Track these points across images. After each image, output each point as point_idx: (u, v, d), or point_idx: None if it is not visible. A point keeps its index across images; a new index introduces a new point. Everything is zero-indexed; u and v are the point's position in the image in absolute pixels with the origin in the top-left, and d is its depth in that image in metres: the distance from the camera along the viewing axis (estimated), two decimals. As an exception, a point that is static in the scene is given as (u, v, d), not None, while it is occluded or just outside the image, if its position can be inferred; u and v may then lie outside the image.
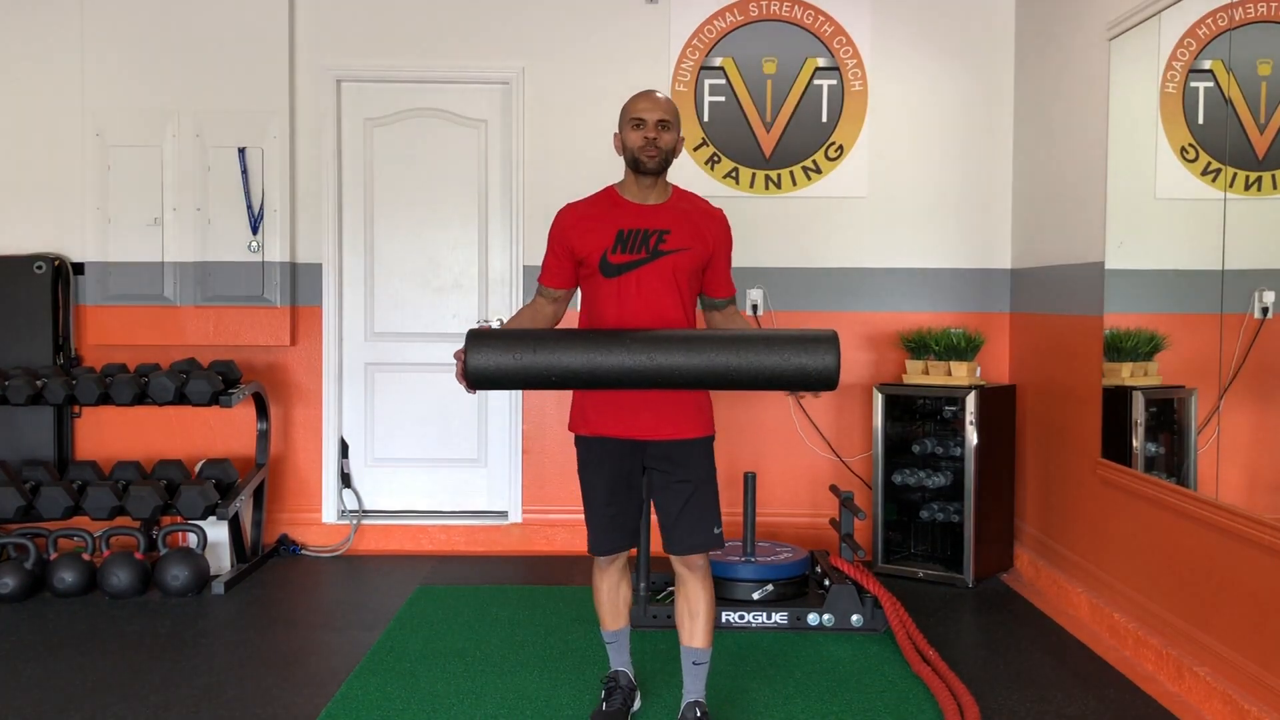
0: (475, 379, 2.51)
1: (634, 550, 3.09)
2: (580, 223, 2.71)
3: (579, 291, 2.82)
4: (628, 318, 2.66)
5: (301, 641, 3.66)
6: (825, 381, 2.48)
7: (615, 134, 2.74)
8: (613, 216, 2.70)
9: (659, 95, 2.72)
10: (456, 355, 2.54)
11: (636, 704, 2.97)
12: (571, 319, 2.91)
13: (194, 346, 4.71)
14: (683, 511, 2.71)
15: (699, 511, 2.72)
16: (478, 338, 2.53)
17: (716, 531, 2.75)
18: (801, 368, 2.47)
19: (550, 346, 2.49)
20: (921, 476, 4.42)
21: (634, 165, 2.69)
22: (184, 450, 4.77)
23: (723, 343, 2.49)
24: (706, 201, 2.82)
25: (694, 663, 2.79)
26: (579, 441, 2.80)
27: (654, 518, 2.83)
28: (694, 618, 2.77)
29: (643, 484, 2.80)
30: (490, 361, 2.49)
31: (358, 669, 3.35)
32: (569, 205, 2.78)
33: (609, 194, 2.76)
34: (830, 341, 2.48)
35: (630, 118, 2.68)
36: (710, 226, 2.75)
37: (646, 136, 2.64)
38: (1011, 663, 3.45)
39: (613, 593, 2.89)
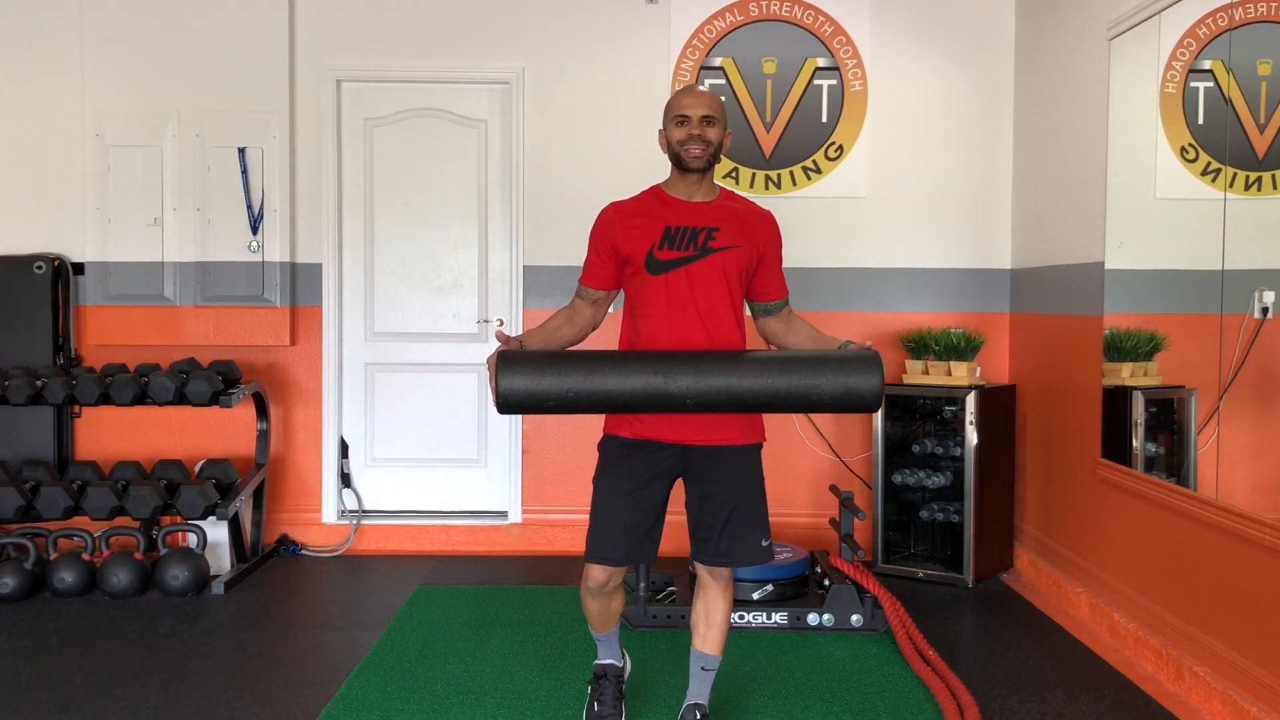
0: (505, 408, 2.36)
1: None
2: (626, 220, 2.62)
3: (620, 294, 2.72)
4: (676, 316, 2.57)
5: (301, 641, 3.67)
6: (870, 405, 2.42)
7: (659, 130, 2.67)
8: (660, 213, 2.61)
9: (703, 90, 2.65)
10: (490, 362, 2.42)
11: (627, 670, 2.95)
12: (612, 321, 2.87)
13: (194, 346, 4.71)
14: (729, 523, 2.62)
15: (747, 524, 2.63)
16: (509, 361, 2.37)
17: (765, 544, 2.66)
18: (845, 393, 2.39)
19: (586, 377, 2.35)
20: (921, 476, 4.42)
21: (678, 162, 2.61)
22: (184, 450, 4.77)
23: (764, 366, 2.38)
24: (754, 203, 2.73)
25: (703, 668, 2.77)
26: (615, 442, 2.66)
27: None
28: (710, 625, 2.72)
29: (668, 498, 2.69)
30: (523, 387, 2.34)
31: (358, 669, 3.35)
32: (613, 203, 2.69)
33: (655, 192, 2.68)
34: (874, 363, 2.41)
35: (674, 114, 2.60)
36: (759, 227, 2.66)
37: (691, 133, 2.57)
38: (1011, 663, 3.46)
39: (604, 610, 2.81)
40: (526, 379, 2.35)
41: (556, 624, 3.80)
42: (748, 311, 2.75)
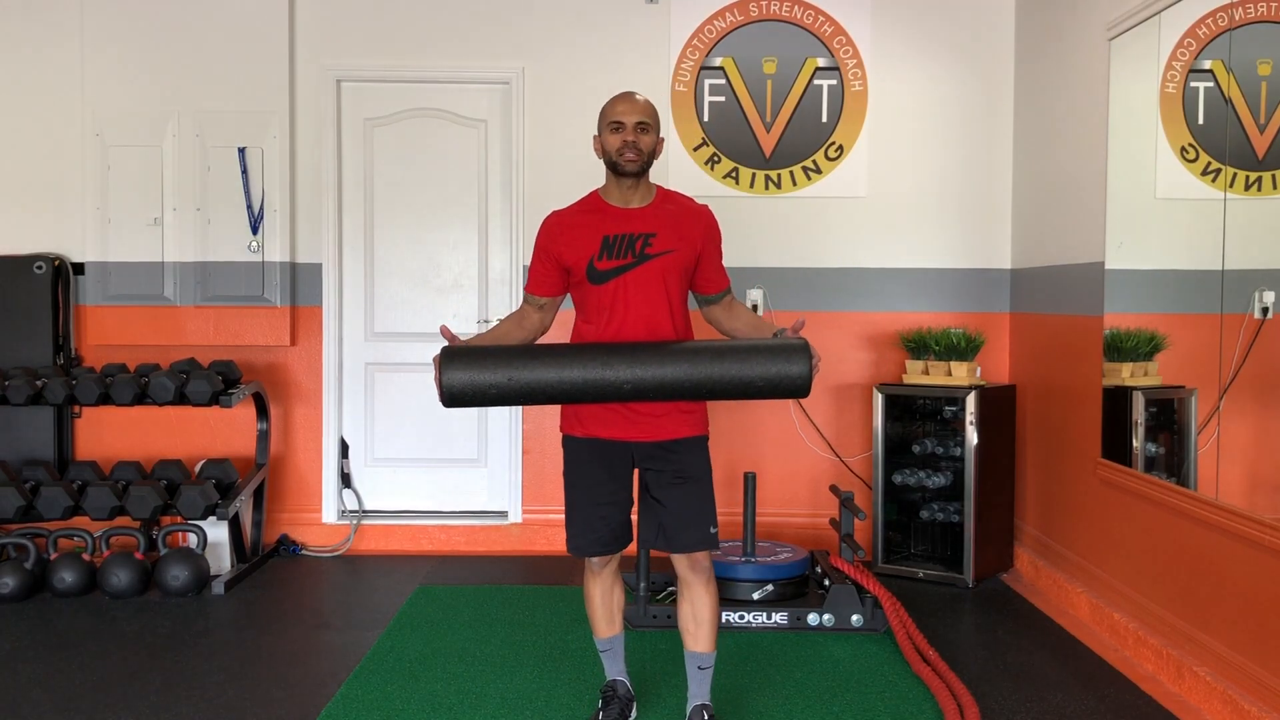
0: (451, 400, 2.45)
1: (630, 549, 3.05)
2: (566, 231, 2.69)
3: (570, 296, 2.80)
4: (617, 323, 2.65)
5: (301, 641, 3.67)
6: (798, 390, 2.51)
7: (595, 137, 2.73)
8: (598, 222, 2.68)
9: (638, 97, 2.71)
10: (435, 360, 2.49)
11: (633, 715, 2.96)
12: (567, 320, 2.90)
13: (194, 346, 4.71)
14: (679, 510, 2.69)
15: (695, 510, 2.70)
16: (452, 357, 2.47)
17: (712, 531, 2.73)
18: (775, 379, 2.49)
19: (526, 366, 2.46)
20: (921, 476, 4.42)
21: (614, 168, 2.67)
22: (184, 450, 4.77)
23: (697, 355, 2.49)
24: (690, 199, 2.79)
25: (699, 667, 2.78)
26: (570, 442, 2.78)
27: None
28: (699, 624, 2.75)
29: (633, 484, 2.78)
30: (465, 381, 2.44)
31: (358, 669, 3.36)
32: (554, 213, 2.76)
33: (593, 199, 2.75)
34: (801, 351, 2.50)
35: (609, 120, 2.67)
36: (695, 224, 2.72)
37: (626, 140, 2.63)
38: (1011, 663, 3.45)
39: (606, 597, 2.86)
40: (468, 371, 2.46)
41: (556, 624, 3.80)
42: (692, 305, 2.82)
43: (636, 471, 2.77)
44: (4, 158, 4.73)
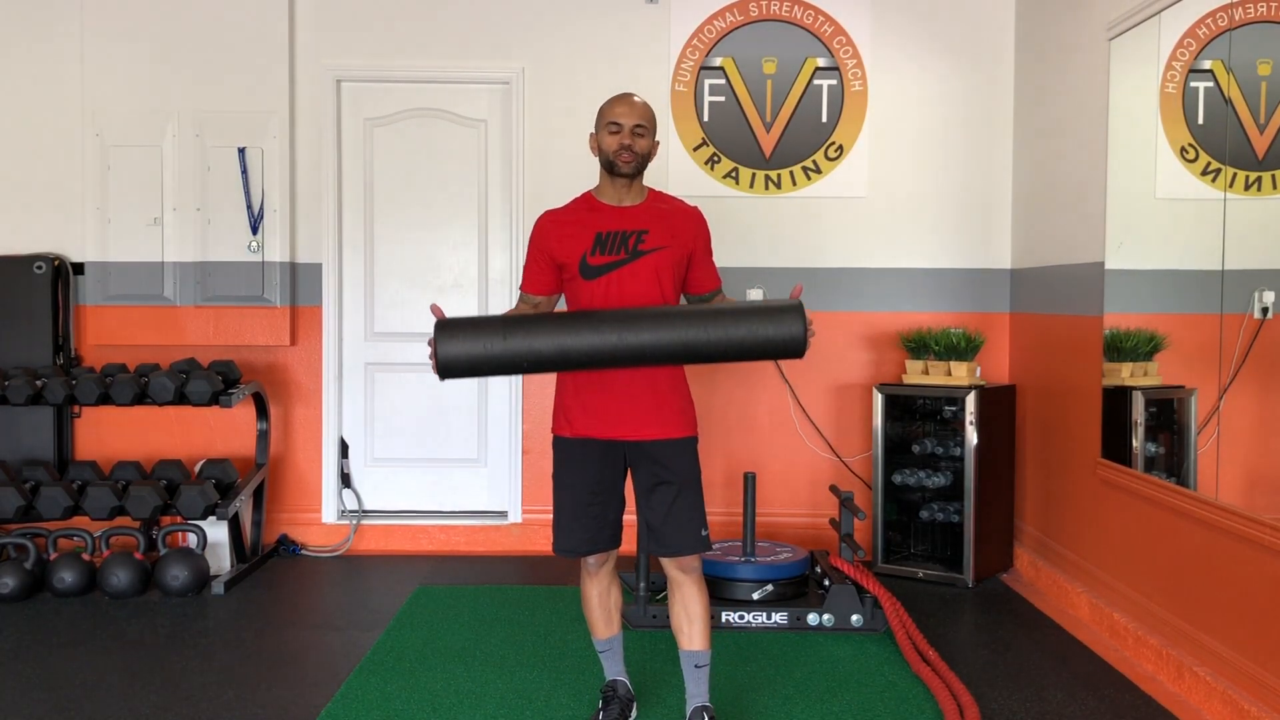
0: (446, 369, 2.51)
1: (629, 549, 3.06)
2: (559, 228, 2.74)
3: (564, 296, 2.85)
4: None
5: (301, 641, 3.67)
6: (793, 350, 2.54)
7: (591, 134, 2.78)
8: (590, 220, 2.73)
9: (636, 99, 2.75)
10: (430, 343, 2.55)
11: (633, 714, 2.96)
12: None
13: (194, 346, 4.71)
14: (669, 513, 2.71)
15: (686, 513, 2.72)
16: (446, 327, 2.52)
17: (703, 534, 2.75)
18: (769, 338, 2.52)
19: (520, 332, 2.52)
20: (921, 476, 4.42)
21: (609, 168, 2.72)
22: (184, 450, 4.77)
23: (690, 317, 2.53)
24: (681, 200, 2.85)
25: (696, 666, 2.78)
26: (560, 443, 2.80)
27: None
28: (691, 621, 2.76)
29: (625, 485, 2.81)
30: (460, 350, 2.49)
31: (358, 669, 3.36)
32: (547, 212, 2.81)
33: (586, 199, 2.80)
34: (796, 310, 2.53)
35: (607, 121, 2.72)
36: (686, 224, 2.77)
37: (623, 142, 2.68)
38: (1011, 663, 3.46)
39: (604, 597, 2.88)
40: (464, 343, 2.51)
41: (556, 624, 3.80)
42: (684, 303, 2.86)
43: (629, 474, 2.79)
44: (4, 158, 4.73)
